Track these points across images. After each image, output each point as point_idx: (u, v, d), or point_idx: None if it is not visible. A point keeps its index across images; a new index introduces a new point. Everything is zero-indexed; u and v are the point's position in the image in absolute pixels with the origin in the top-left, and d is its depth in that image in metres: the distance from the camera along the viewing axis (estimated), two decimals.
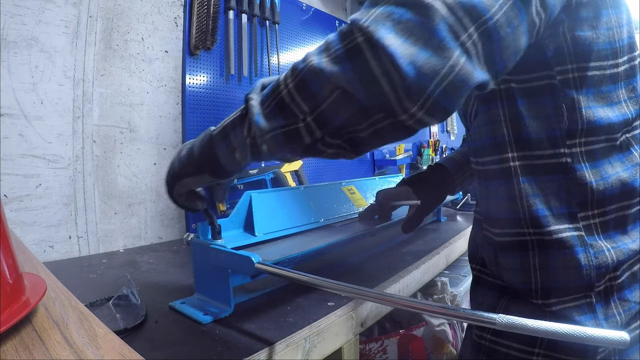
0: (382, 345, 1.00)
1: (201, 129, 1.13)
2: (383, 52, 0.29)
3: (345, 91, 0.31)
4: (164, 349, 0.44)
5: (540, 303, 0.44)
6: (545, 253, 0.43)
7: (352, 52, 0.30)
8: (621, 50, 0.42)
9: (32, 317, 0.34)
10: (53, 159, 0.85)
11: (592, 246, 0.41)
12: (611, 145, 0.42)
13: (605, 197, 0.41)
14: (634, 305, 0.41)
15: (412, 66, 0.28)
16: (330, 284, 0.40)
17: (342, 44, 0.31)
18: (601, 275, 0.41)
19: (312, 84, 0.33)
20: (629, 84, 0.43)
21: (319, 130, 0.34)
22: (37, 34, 0.82)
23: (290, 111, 0.35)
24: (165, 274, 0.74)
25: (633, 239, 0.42)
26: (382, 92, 0.29)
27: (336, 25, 1.66)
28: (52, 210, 0.85)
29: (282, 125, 0.35)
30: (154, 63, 1.05)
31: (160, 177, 1.05)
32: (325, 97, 0.32)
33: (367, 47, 0.29)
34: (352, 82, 0.31)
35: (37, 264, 0.52)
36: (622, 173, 0.41)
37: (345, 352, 0.56)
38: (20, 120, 0.80)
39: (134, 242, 1.00)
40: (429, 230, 1.06)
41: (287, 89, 0.35)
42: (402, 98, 0.29)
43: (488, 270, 0.52)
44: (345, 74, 0.31)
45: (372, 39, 0.29)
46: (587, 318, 0.41)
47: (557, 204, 0.42)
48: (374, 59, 0.29)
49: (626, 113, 0.42)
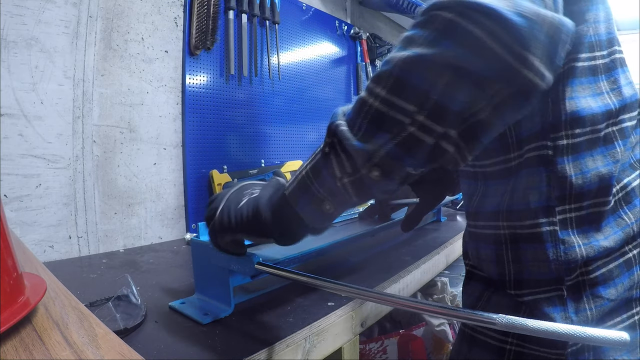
0: (382, 345, 1.00)
1: (201, 129, 1.14)
2: (481, 12, 0.26)
3: (457, 68, 0.28)
4: (164, 349, 0.44)
5: (513, 293, 0.46)
6: (517, 247, 0.45)
7: (447, 29, 0.28)
8: (599, 45, 0.43)
9: (32, 317, 0.34)
10: (53, 159, 0.85)
11: (563, 242, 0.42)
12: (595, 137, 0.42)
13: (583, 192, 0.42)
14: (607, 302, 0.41)
15: (517, 14, 0.26)
16: (330, 284, 0.40)
17: (430, 28, 0.29)
18: (570, 270, 0.42)
19: (412, 77, 0.29)
20: (610, 76, 0.44)
21: (438, 124, 0.29)
22: (37, 34, 0.82)
23: (392, 119, 0.30)
24: (165, 274, 0.74)
25: (606, 236, 0.42)
26: (494, 54, 0.27)
27: (336, 25, 1.66)
28: (52, 210, 0.85)
29: (390, 138, 0.30)
30: (154, 63, 1.05)
31: (161, 177, 1.06)
32: (434, 84, 0.28)
33: (461, 18, 0.27)
34: (461, 57, 0.28)
35: (37, 264, 0.52)
36: (601, 168, 0.42)
37: (345, 352, 0.56)
38: (20, 120, 0.80)
39: (134, 242, 1.00)
40: (429, 230, 1.06)
41: (378, 99, 0.31)
42: (519, 52, 0.27)
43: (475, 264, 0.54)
44: (450, 49, 0.28)
45: (465, 6, 0.27)
46: (557, 310, 0.42)
47: (537, 198, 0.43)
48: (475, 25, 0.27)
49: (608, 104, 0.42)
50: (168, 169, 1.08)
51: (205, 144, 1.15)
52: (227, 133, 1.21)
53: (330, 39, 1.64)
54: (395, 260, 0.78)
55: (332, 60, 1.65)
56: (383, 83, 0.31)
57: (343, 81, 1.72)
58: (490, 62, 0.27)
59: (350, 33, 1.74)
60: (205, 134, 1.15)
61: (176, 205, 1.10)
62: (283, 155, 1.38)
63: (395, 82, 0.30)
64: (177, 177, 1.10)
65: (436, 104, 0.29)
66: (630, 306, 0.42)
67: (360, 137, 0.31)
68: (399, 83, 0.30)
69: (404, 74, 0.29)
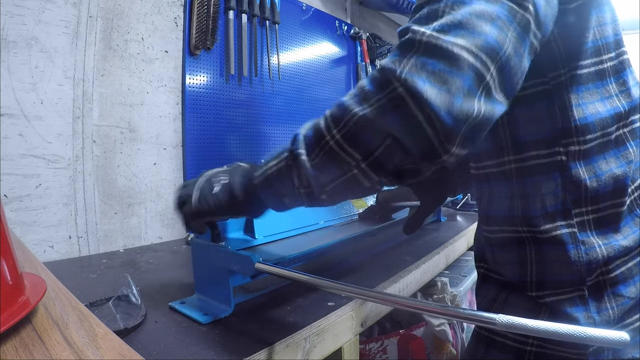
0: (382, 345, 1.00)
1: (201, 129, 1.14)
2: (424, 102, 0.32)
3: (396, 138, 0.34)
4: (164, 349, 0.44)
5: (534, 295, 0.46)
6: (540, 248, 0.45)
7: (395, 102, 0.33)
8: (606, 47, 0.43)
9: (32, 317, 0.34)
10: (53, 159, 0.85)
11: (584, 242, 0.42)
12: (607, 141, 0.43)
13: (599, 195, 0.42)
14: (628, 301, 0.42)
15: (449, 115, 0.32)
16: (330, 284, 0.40)
17: (383, 93, 0.34)
18: (592, 270, 0.42)
19: (362, 133, 0.35)
20: (619, 79, 0.44)
21: (375, 174, 0.37)
22: (37, 34, 0.82)
23: (342, 160, 0.37)
24: (165, 274, 0.74)
25: (625, 236, 0.42)
26: (426, 138, 0.33)
27: (336, 25, 1.66)
28: (52, 210, 0.85)
29: (339, 175, 0.38)
30: (154, 63, 1.05)
31: (161, 177, 1.06)
32: (378, 145, 0.35)
33: (409, 97, 0.32)
34: (400, 131, 0.34)
35: (37, 264, 0.52)
36: (615, 170, 0.42)
37: (345, 352, 0.56)
38: (20, 120, 0.80)
39: (134, 242, 1.00)
40: (429, 230, 1.06)
41: (334, 139, 0.37)
42: (443, 142, 0.33)
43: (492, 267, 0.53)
44: (394, 123, 0.34)
45: (412, 89, 0.32)
46: (579, 310, 0.42)
47: (553, 202, 0.44)
48: (418, 110, 0.32)
49: (617, 107, 0.43)
50: (168, 169, 1.08)
51: (205, 144, 1.15)
52: (227, 133, 1.21)
53: (330, 39, 1.64)
54: (395, 260, 0.78)
55: (332, 60, 1.65)
56: (339, 127, 0.37)
57: (343, 81, 1.72)
58: (421, 142, 0.34)
59: (350, 33, 1.74)
60: (205, 134, 1.15)
61: None
62: None
63: (349, 131, 0.36)
64: (177, 177, 1.10)
65: (376, 159, 0.36)
66: None
67: (314, 165, 0.39)
68: (352, 134, 0.36)
69: (357, 129, 0.35)
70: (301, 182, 0.40)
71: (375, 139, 0.35)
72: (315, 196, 0.40)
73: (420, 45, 0.33)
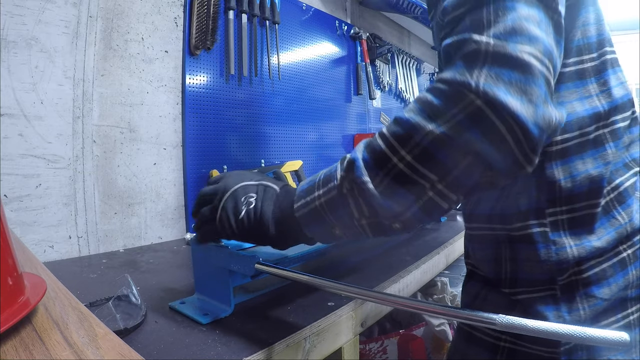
0: (382, 345, 1.00)
1: (201, 129, 1.14)
2: (508, 114, 0.31)
3: (478, 154, 0.32)
4: (164, 349, 0.44)
5: (508, 292, 0.46)
6: (513, 247, 0.46)
7: (475, 116, 0.32)
8: (587, 47, 0.43)
9: (32, 317, 0.34)
10: (53, 159, 0.85)
11: (555, 242, 0.43)
12: (585, 140, 0.43)
13: (573, 195, 0.42)
14: (600, 302, 0.41)
15: (534, 124, 0.31)
16: (330, 284, 0.40)
17: (458, 107, 0.32)
18: (562, 270, 0.42)
19: (439, 153, 0.33)
20: (600, 78, 0.44)
21: (454, 193, 0.35)
22: (37, 34, 0.82)
23: (415, 182, 0.34)
24: (165, 274, 0.74)
25: (598, 237, 0.42)
26: (510, 150, 0.32)
27: (336, 25, 1.66)
28: (52, 210, 0.85)
29: (413, 200, 0.35)
30: (154, 63, 1.05)
31: (161, 177, 1.06)
32: (457, 164, 0.33)
33: (489, 110, 0.31)
34: (483, 146, 0.32)
35: (37, 264, 0.52)
36: (591, 171, 0.42)
37: (345, 352, 0.56)
38: (20, 120, 0.80)
39: (134, 242, 1.00)
40: (429, 230, 1.06)
41: (403, 161, 0.34)
42: (529, 153, 0.32)
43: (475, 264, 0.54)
44: (477, 140, 0.32)
45: (494, 101, 0.31)
46: (549, 309, 0.43)
47: (526, 201, 0.44)
48: (501, 122, 0.31)
49: (597, 106, 0.43)
50: (168, 169, 1.08)
51: (205, 144, 1.15)
52: (227, 133, 1.21)
53: (330, 39, 1.64)
54: (395, 260, 0.78)
55: (332, 60, 1.65)
56: (408, 148, 0.34)
57: (343, 81, 1.72)
58: (505, 155, 0.32)
59: (350, 33, 1.74)
60: (205, 134, 1.15)
61: (176, 205, 1.10)
62: (283, 155, 1.38)
63: (422, 152, 0.34)
64: (177, 177, 1.10)
65: (456, 179, 0.34)
66: (626, 306, 0.42)
67: (382, 191, 0.36)
68: (426, 154, 0.33)
69: (432, 149, 0.33)
70: (363, 213, 0.37)
71: (454, 157, 0.33)
72: (386, 226, 0.37)
73: (487, 55, 0.32)
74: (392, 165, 0.35)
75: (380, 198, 0.36)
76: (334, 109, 1.67)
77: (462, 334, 0.54)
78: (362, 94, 1.78)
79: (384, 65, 1.97)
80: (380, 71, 1.93)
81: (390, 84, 2.02)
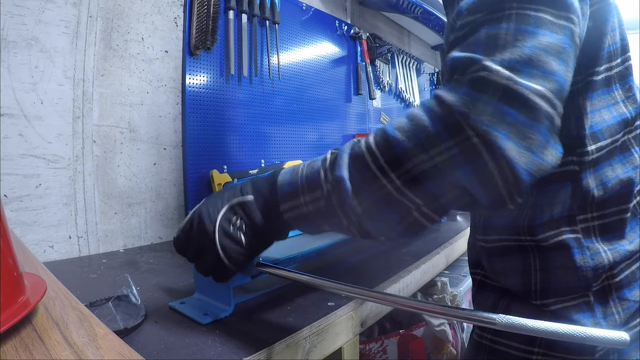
0: (382, 345, 1.00)
1: (201, 129, 1.14)
2: (503, 158, 0.30)
3: (465, 190, 0.33)
4: (164, 349, 0.44)
5: (539, 303, 0.45)
6: (544, 255, 0.44)
7: (469, 154, 0.31)
8: (615, 53, 0.43)
9: (32, 317, 0.34)
10: (53, 159, 0.85)
11: (589, 248, 0.42)
12: (614, 147, 0.43)
13: (605, 201, 0.42)
14: (633, 304, 0.41)
15: (527, 172, 0.31)
16: (330, 284, 0.40)
17: (454, 140, 0.31)
18: (597, 275, 0.42)
19: (429, 183, 0.33)
20: (624, 84, 0.44)
21: (437, 215, 0.36)
22: (37, 34, 0.82)
23: (401, 205, 0.35)
24: (165, 274, 0.74)
25: (630, 241, 0.42)
26: (497, 190, 0.32)
27: (336, 25, 1.66)
28: (52, 210, 0.85)
29: (398, 220, 0.36)
30: (154, 63, 1.05)
31: (161, 177, 1.06)
32: (444, 193, 0.34)
33: (485, 150, 0.30)
34: (471, 184, 0.32)
35: (37, 264, 0.52)
36: (621, 176, 0.42)
37: (345, 352, 0.56)
38: (20, 120, 0.80)
39: (134, 242, 1.00)
40: (429, 230, 1.06)
41: (393, 184, 0.34)
42: (514, 195, 0.32)
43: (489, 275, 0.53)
44: (467, 178, 0.32)
45: (491, 144, 0.30)
46: (586, 316, 0.42)
47: (559, 210, 0.43)
48: (494, 164, 0.31)
49: (624, 113, 0.43)
50: (168, 169, 1.08)
51: (205, 144, 1.15)
52: (227, 133, 1.21)
53: (330, 39, 1.64)
54: (395, 260, 0.78)
55: (332, 60, 1.65)
56: (398, 173, 0.34)
57: (343, 81, 1.72)
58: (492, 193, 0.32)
59: (350, 33, 1.74)
60: (205, 134, 1.15)
61: (176, 205, 1.10)
62: (283, 155, 1.38)
63: (412, 179, 0.34)
64: (177, 177, 1.10)
65: (441, 206, 0.35)
66: None
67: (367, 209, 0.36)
68: (415, 182, 0.34)
69: (422, 178, 0.33)
70: (351, 222, 0.38)
71: (442, 188, 0.33)
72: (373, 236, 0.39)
73: (497, 88, 0.31)
74: (380, 186, 0.35)
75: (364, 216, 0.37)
76: (334, 109, 1.67)
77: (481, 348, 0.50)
78: (362, 94, 1.78)
79: (384, 65, 1.96)
80: (380, 71, 1.93)
81: (390, 84, 2.02)
